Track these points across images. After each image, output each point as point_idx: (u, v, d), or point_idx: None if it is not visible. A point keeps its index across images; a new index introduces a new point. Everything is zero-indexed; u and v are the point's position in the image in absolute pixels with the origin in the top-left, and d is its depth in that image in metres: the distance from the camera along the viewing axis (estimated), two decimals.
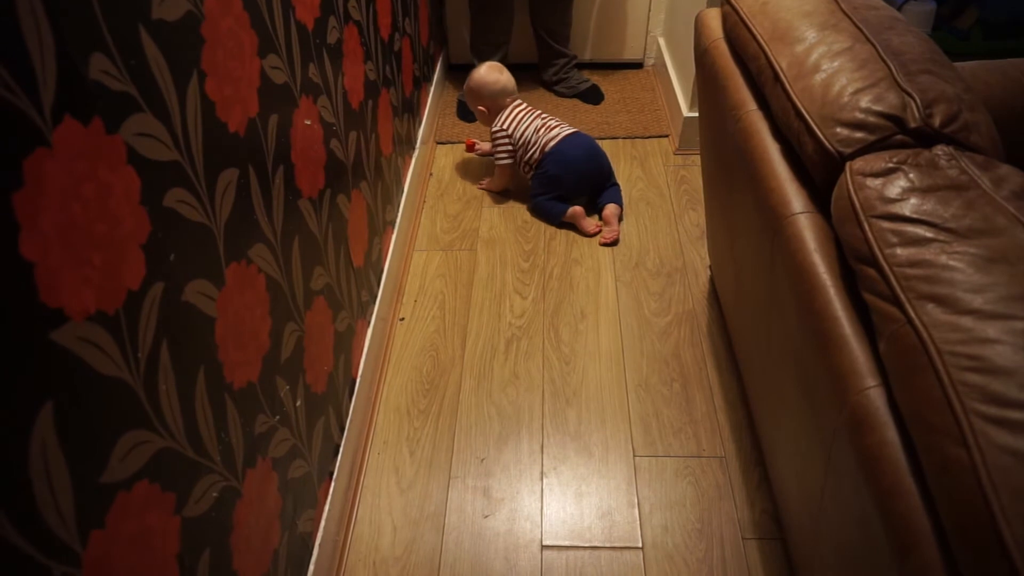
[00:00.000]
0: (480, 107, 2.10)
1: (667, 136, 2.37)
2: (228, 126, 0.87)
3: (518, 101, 2.10)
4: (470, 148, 2.23)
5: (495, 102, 2.08)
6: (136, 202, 0.67)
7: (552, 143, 1.99)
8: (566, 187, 1.99)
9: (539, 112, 2.08)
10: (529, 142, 2.02)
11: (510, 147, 2.05)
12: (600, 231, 1.96)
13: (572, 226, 2.00)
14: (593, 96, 2.54)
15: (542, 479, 1.41)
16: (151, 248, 0.69)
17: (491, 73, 2.08)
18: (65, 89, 0.57)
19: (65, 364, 0.57)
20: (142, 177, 0.68)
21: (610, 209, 1.99)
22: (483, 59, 2.44)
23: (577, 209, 1.97)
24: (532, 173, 2.04)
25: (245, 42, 0.93)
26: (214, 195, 0.83)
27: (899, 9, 2.61)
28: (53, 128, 0.56)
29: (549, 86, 2.59)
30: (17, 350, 0.52)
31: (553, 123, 2.04)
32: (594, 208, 2.05)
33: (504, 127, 2.05)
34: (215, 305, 0.83)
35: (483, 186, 2.17)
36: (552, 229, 2.01)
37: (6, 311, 0.51)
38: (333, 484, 1.27)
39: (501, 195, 2.15)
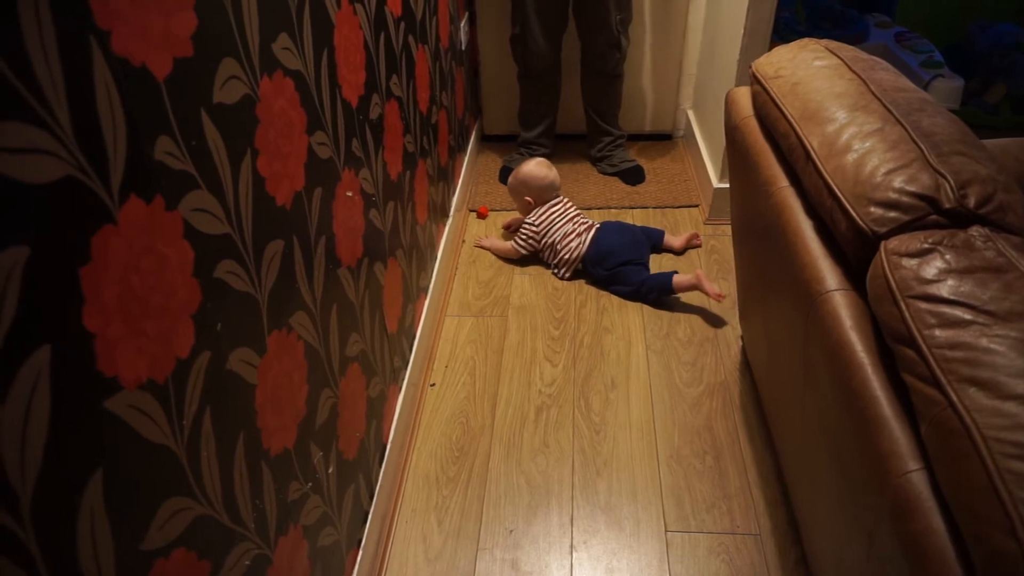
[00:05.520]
0: (528, 198, 2.18)
1: (697, 206, 2.40)
2: (276, 200, 0.91)
3: (561, 198, 2.19)
4: (483, 215, 2.38)
5: (540, 196, 2.17)
6: (189, 274, 0.70)
7: (585, 246, 2.06)
8: (620, 257, 2.03)
9: (571, 216, 2.14)
10: (557, 243, 2.10)
11: (533, 241, 2.14)
12: (723, 294, 1.90)
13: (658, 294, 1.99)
14: (633, 176, 2.53)
15: (572, 553, 1.38)
16: (200, 318, 0.72)
17: (540, 169, 2.17)
18: (132, 170, 0.61)
19: (116, 431, 0.59)
20: (196, 250, 0.71)
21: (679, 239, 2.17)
22: (530, 127, 2.57)
23: (696, 275, 1.91)
24: (568, 273, 2.10)
25: (295, 120, 0.97)
26: (260, 266, 0.86)
27: (927, 85, 2.65)
28: (120, 206, 0.59)
29: (594, 161, 2.62)
30: (75, 418, 0.54)
31: (581, 228, 2.10)
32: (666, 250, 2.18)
33: (536, 224, 2.13)
34: (256, 372, 0.85)
35: (482, 243, 2.25)
36: (583, 297, 2.02)
37: (68, 381, 0.53)
38: (361, 553, 1.26)
39: (532, 263, 2.17)
